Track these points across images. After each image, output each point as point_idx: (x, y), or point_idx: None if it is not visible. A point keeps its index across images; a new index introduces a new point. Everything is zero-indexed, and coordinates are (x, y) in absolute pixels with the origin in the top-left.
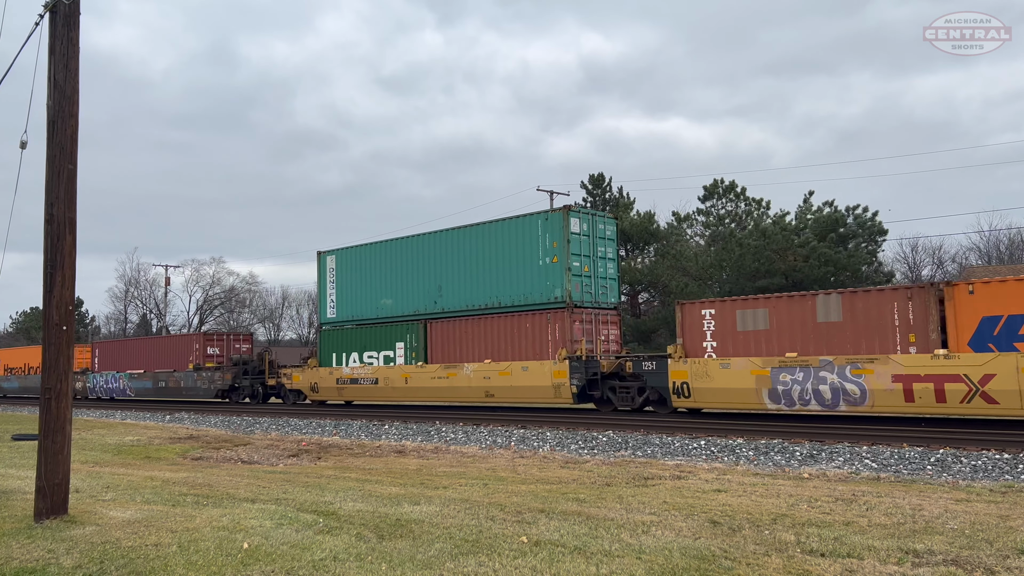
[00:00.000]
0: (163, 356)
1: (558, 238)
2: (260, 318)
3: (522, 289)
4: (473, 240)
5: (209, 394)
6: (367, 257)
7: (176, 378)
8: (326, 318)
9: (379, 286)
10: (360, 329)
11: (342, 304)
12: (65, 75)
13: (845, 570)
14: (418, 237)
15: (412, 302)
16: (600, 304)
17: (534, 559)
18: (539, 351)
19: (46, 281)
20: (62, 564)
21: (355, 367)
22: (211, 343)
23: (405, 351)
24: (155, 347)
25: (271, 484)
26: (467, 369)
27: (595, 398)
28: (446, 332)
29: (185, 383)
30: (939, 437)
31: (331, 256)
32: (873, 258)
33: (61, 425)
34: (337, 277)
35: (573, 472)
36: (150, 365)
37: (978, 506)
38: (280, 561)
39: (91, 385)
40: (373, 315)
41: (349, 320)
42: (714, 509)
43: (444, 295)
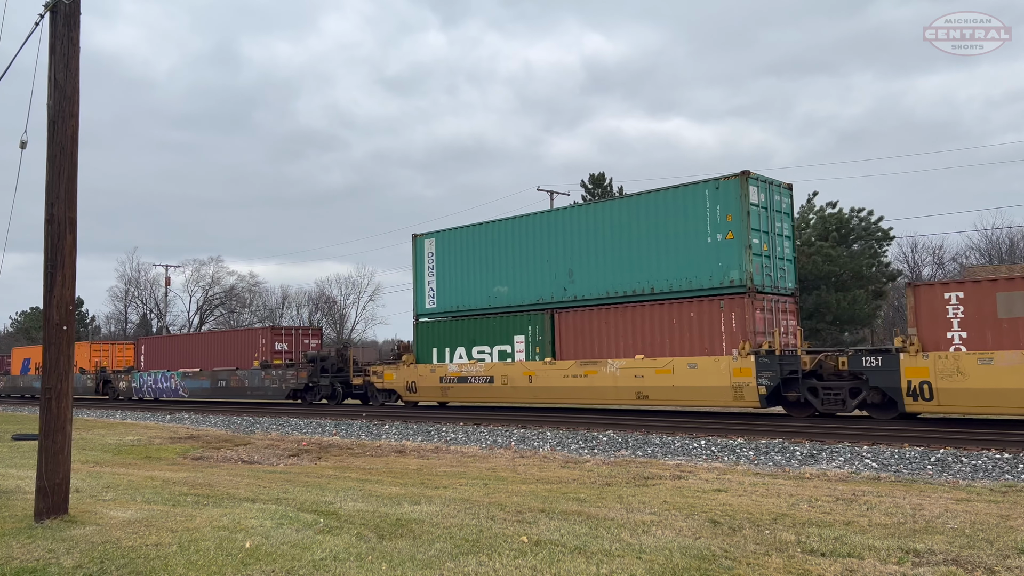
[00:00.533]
0: (223, 353)
1: (733, 210)
2: (260, 318)
3: (684, 272)
4: (616, 216)
5: (280, 394)
6: (475, 239)
7: (239, 377)
8: (423, 309)
9: (491, 272)
10: (467, 321)
11: (444, 293)
12: (65, 75)
13: (845, 570)
14: (542, 215)
15: (534, 289)
16: (779, 289)
17: (534, 559)
18: (708, 345)
19: (46, 281)
20: (62, 564)
21: (463, 364)
22: (279, 338)
23: (526, 345)
24: (214, 343)
25: (271, 484)
26: (611, 367)
27: (788, 401)
28: (580, 323)
29: (250, 382)
30: (939, 437)
31: (429, 239)
32: (875, 260)
33: (61, 425)
34: (437, 263)
35: (573, 472)
36: (207, 363)
37: (978, 506)
38: (280, 561)
39: (137, 385)
40: (483, 305)
41: (452, 311)
42: (714, 509)
43: (576, 281)
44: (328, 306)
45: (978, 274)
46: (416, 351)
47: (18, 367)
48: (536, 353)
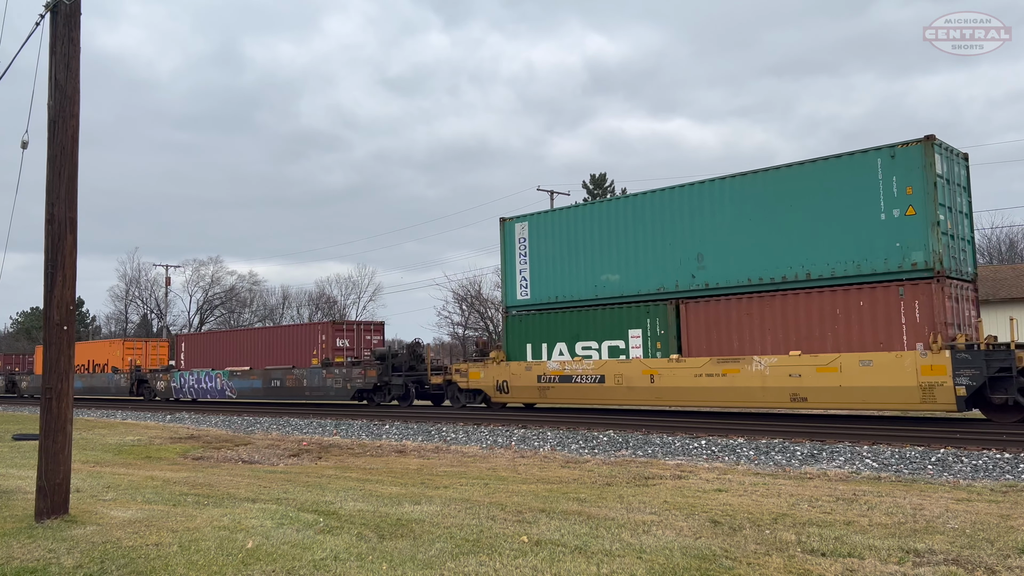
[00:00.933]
0: (277, 350)
1: (915, 182)
2: (260, 317)
3: (850, 254)
4: (759, 191)
5: (343, 395)
6: (578, 222)
7: (296, 376)
8: (515, 300)
9: (598, 258)
10: (569, 314)
11: (539, 282)
12: (66, 75)
13: (846, 569)
14: (664, 192)
15: (654, 277)
16: (962, 274)
17: (535, 559)
18: (884, 339)
19: (47, 281)
20: (63, 564)
21: (565, 361)
22: (340, 334)
23: (644, 341)
24: (266, 339)
25: (272, 484)
26: (758, 364)
27: (993, 404)
28: (714, 315)
29: (309, 382)
30: (940, 436)
31: (521, 223)
32: None
33: (62, 425)
34: (531, 249)
35: (574, 472)
36: (259, 361)
37: (979, 505)
38: (281, 561)
39: (177, 385)
40: (589, 295)
41: (550, 303)
42: (715, 509)
43: (708, 266)
44: (328, 306)
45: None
46: (506, 347)
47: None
48: (657, 349)
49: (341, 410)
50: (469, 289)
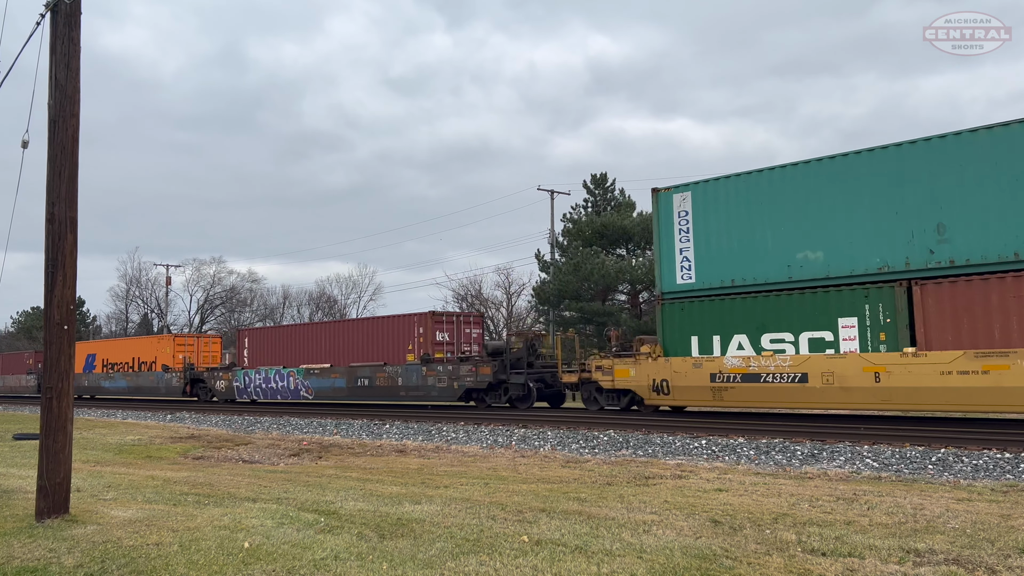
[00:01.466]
0: (363, 345)
1: None
2: (261, 317)
3: None
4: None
5: (448, 395)
6: (760, 190)
7: (389, 374)
8: (673, 285)
9: (791, 232)
10: (750, 300)
11: (707, 263)
12: (66, 74)
13: (846, 569)
14: (884, 150)
15: (872, 254)
16: None
17: (535, 558)
18: None
19: (47, 280)
20: (63, 563)
21: (748, 357)
22: (440, 326)
23: (861, 331)
24: (349, 333)
25: (272, 483)
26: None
27: None
28: (963, 299)
29: (406, 380)
30: (940, 436)
31: (682, 193)
32: None
33: (62, 424)
34: (695, 224)
35: (574, 471)
36: (341, 357)
37: (979, 505)
38: (281, 560)
39: (240, 384)
40: (779, 277)
41: (723, 287)
42: (715, 508)
43: (952, 239)
44: (328, 305)
45: None
46: (663, 340)
47: (80, 364)
48: (881, 342)
49: (341, 409)
50: (469, 288)
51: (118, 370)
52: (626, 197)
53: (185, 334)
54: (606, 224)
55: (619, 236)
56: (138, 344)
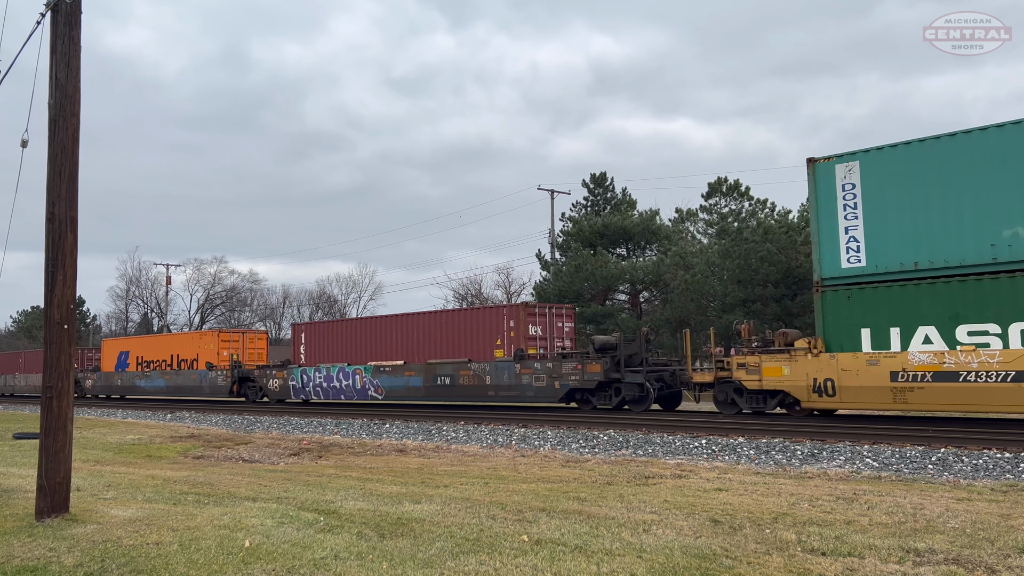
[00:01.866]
0: (443, 340)
1: None
2: (261, 316)
3: None
4: None
5: (548, 395)
6: (950, 157)
7: (476, 372)
8: (837, 270)
9: (994, 205)
10: (940, 286)
11: (881, 243)
12: (66, 73)
13: (846, 569)
14: None
15: None
16: None
17: (535, 558)
18: None
19: (47, 280)
20: (63, 562)
21: (942, 352)
22: (533, 319)
23: None
24: (425, 327)
25: (272, 483)
26: None
27: None
28: None
29: (496, 379)
30: (940, 436)
31: (846, 163)
32: None
33: (62, 424)
34: (864, 198)
35: (574, 471)
36: (416, 353)
37: (979, 505)
38: (281, 560)
39: (297, 383)
40: (980, 258)
41: (902, 271)
42: (715, 508)
43: None
44: (329, 305)
45: None
46: (823, 333)
47: (112, 362)
48: None
49: (341, 409)
50: (469, 288)
51: (155, 368)
52: (626, 196)
53: (230, 329)
54: (607, 224)
55: (619, 236)
56: (177, 340)
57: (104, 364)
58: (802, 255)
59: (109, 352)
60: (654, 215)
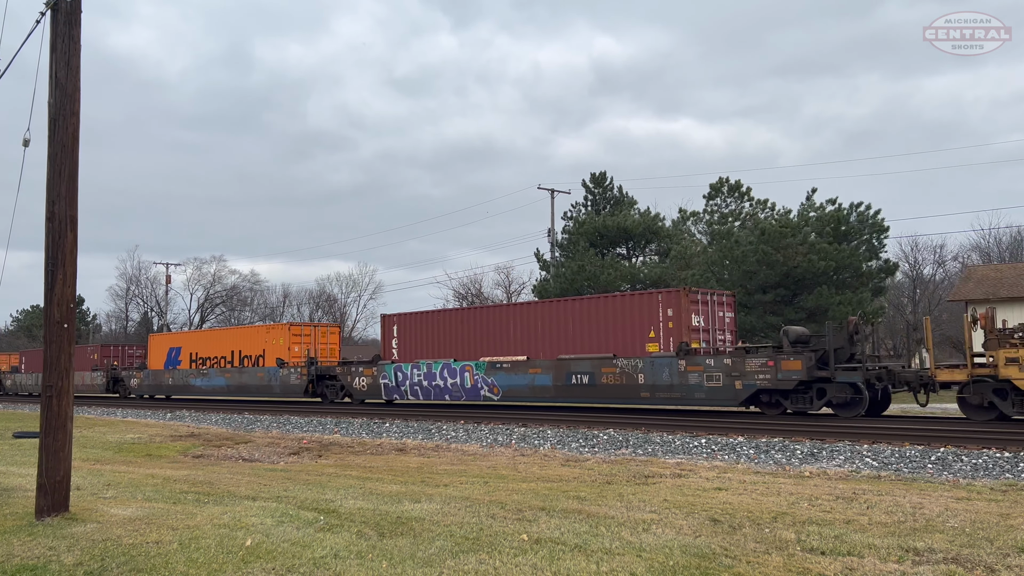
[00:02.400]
0: (579, 332)
1: None
2: (261, 316)
3: None
4: None
5: (727, 397)
6: None
7: (624, 369)
8: None
9: None
10: None
11: None
12: (66, 73)
13: (846, 568)
14: None
15: None
16: None
17: (535, 557)
18: None
19: (47, 279)
20: (63, 561)
21: None
22: (695, 307)
23: None
24: (555, 317)
25: (272, 482)
26: None
27: None
28: None
29: (651, 378)
30: (940, 435)
31: None
32: (875, 255)
33: (62, 423)
34: None
35: (574, 470)
36: (542, 348)
37: (979, 504)
38: (281, 559)
39: (389, 382)
40: None
41: None
42: (715, 507)
43: None
44: (328, 304)
45: (980, 273)
46: None
47: (161, 359)
48: None
49: (342, 407)
50: (470, 287)
51: (212, 366)
52: (626, 196)
53: (301, 322)
54: (607, 224)
55: (620, 236)
56: (239, 335)
57: (152, 361)
58: (800, 255)
59: (157, 348)
60: (655, 215)
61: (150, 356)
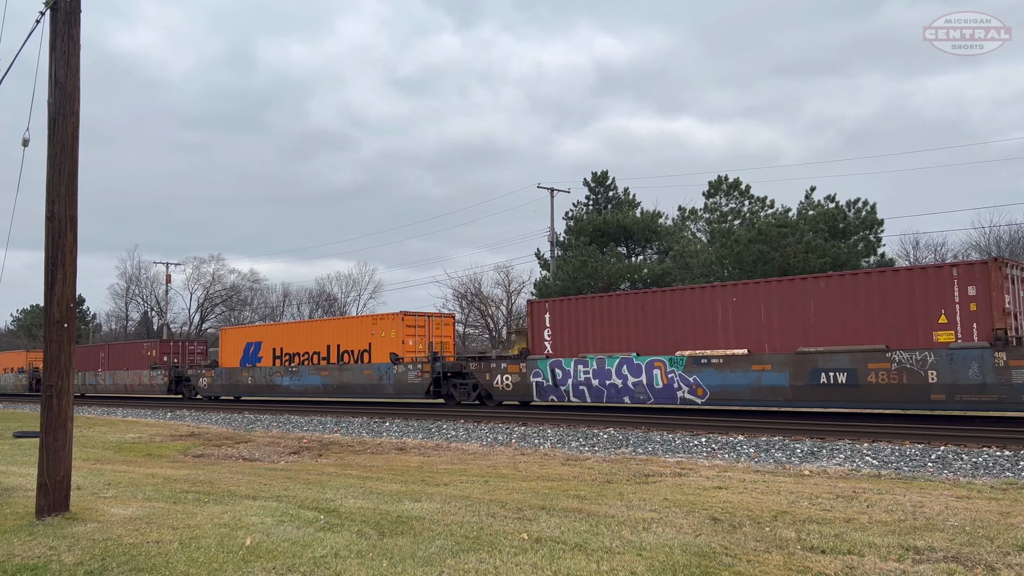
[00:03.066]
0: (821, 318)
1: None
2: (261, 315)
3: None
4: None
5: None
6: None
7: (903, 365)
8: None
9: None
10: None
11: None
12: (66, 72)
13: (846, 567)
14: None
15: None
16: None
17: (535, 556)
18: None
19: (47, 278)
20: (64, 561)
21: None
22: (1009, 285)
23: None
24: (777, 300)
25: (272, 481)
26: None
27: None
28: None
29: (950, 376)
30: (940, 434)
31: None
32: (872, 251)
33: (62, 422)
34: None
35: (574, 469)
36: (767, 340)
37: (979, 503)
38: (281, 558)
39: (546, 380)
40: None
41: None
42: (715, 506)
43: None
44: (328, 304)
45: None
46: None
47: (235, 356)
48: None
49: (340, 407)
50: (469, 287)
51: (304, 363)
52: (627, 195)
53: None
54: (607, 222)
55: (620, 234)
56: (336, 327)
57: (224, 358)
58: (797, 253)
59: (232, 343)
60: (655, 214)
61: (222, 353)
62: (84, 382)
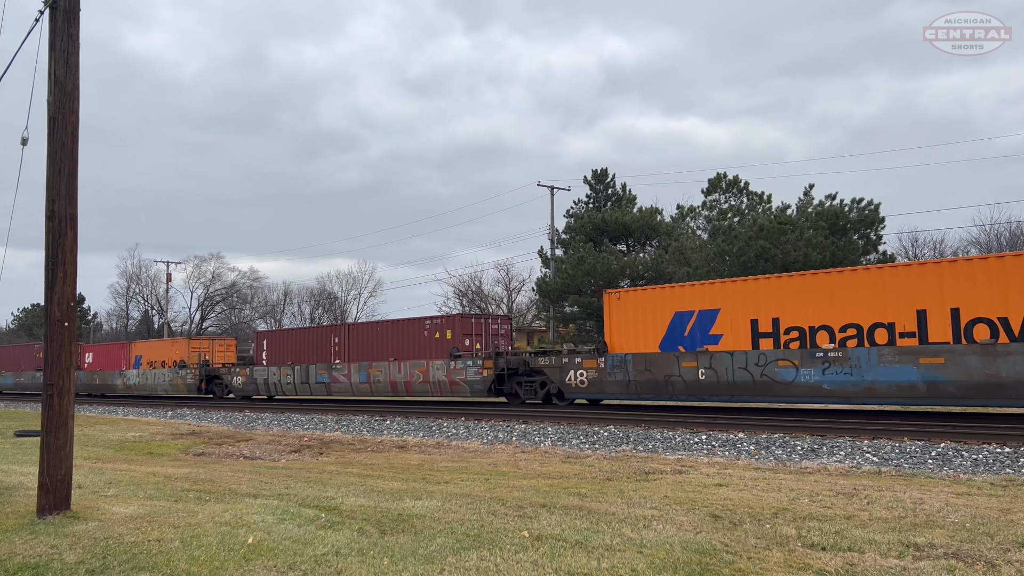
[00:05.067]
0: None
1: None
2: (261, 314)
3: None
4: None
5: None
6: None
7: None
8: None
9: None
10: None
11: None
12: (65, 71)
13: (846, 564)
14: None
15: None
16: None
17: (536, 553)
18: None
19: (48, 277)
20: (65, 559)
21: None
22: None
23: None
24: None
25: (273, 480)
26: None
27: None
28: None
29: None
30: (940, 431)
31: None
32: (873, 248)
33: (63, 421)
34: None
35: (574, 467)
36: None
37: (979, 500)
38: (282, 556)
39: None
40: None
41: None
42: (715, 503)
43: None
44: (329, 302)
45: None
46: None
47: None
48: None
49: (343, 406)
50: (470, 285)
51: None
52: (627, 192)
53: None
54: (607, 220)
55: (619, 231)
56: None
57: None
58: (797, 250)
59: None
60: (653, 210)
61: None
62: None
